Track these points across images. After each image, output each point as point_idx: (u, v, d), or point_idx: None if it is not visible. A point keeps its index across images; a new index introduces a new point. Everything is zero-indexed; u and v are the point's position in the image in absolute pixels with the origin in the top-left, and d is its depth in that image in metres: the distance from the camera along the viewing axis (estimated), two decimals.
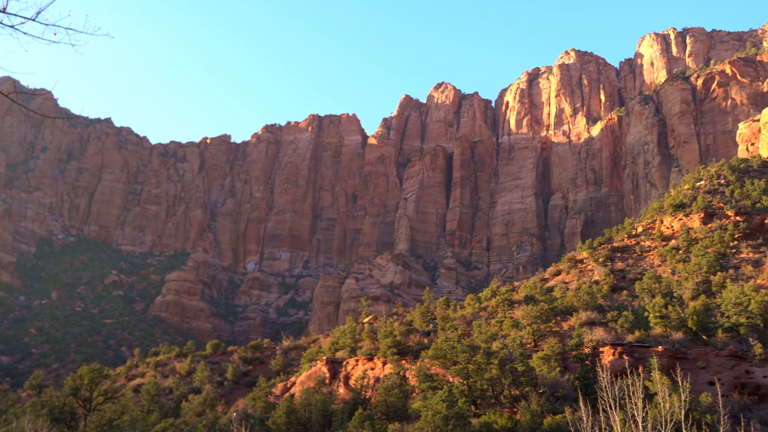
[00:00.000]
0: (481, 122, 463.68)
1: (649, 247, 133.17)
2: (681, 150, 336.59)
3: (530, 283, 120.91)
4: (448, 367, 66.76)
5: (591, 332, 75.70)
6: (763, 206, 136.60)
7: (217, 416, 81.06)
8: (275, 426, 64.33)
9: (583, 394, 50.29)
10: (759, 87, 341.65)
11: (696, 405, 50.47)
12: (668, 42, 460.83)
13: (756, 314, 76.80)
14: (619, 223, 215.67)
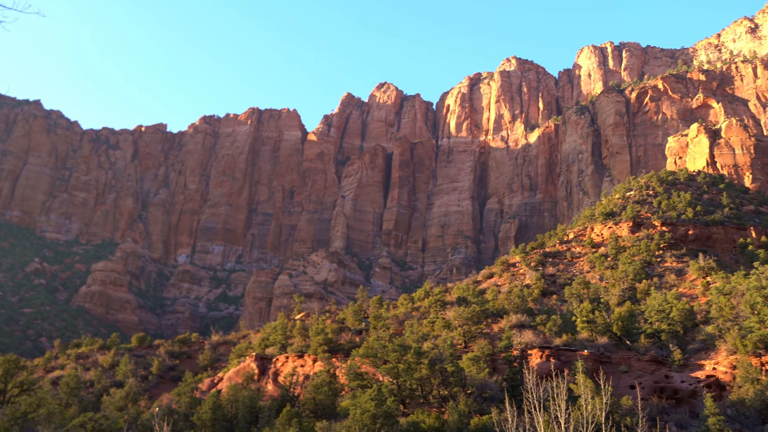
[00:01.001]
0: (422, 124, 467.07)
1: (579, 253, 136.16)
2: (613, 160, 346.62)
3: (463, 285, 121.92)
4: (378, 366, 66.49)
5: (520, 335, 76.67)
6: (688, 218, 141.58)
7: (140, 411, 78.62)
8: (200, 422, 62.74)
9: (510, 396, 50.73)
10: (688, 103, 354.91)
11: (617, 408, 51.56)
12: (605, 55, 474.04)
13: (677, 321, 79.29)
14: (552, 228, 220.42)
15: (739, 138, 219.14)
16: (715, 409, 52.66)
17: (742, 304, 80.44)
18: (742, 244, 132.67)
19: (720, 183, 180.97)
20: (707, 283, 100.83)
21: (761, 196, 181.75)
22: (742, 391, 60.12)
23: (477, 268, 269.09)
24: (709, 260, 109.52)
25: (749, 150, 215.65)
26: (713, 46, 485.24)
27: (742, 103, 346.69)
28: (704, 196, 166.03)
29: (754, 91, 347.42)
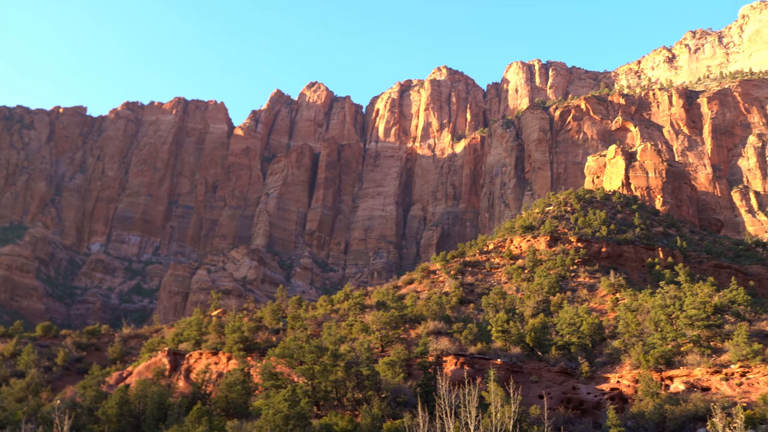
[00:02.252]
0: (351, 126, 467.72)
1: (498, 264, 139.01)
2: (535, 175, 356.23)
3: (383, 290, 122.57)
4: (294, 366, 66.07)
5: (437, 341, 77.65)
6: (602, 236, 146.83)
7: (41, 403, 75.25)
8: (105, 417, 60.69)
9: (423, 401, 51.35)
10: (608, 125, 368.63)
11: (526, 416, 52.96)
12: (533, 72, 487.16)
13: (586, 335, 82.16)
14: (473, 238, 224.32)
15: (652, 162, 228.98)
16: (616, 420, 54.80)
17: (647, 321, 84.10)
18: (650, 264, 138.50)
19: (633, 204, 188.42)
20: (616, 299, 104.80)
21: (670, 219, 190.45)
22: (642, 404, 62.79)
23: (398, 273, 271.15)
24: (619, 277, 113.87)
25: (661, 174, 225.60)
26: (633, 72, 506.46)
27: (657, 128, 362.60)
28: (618, 216, 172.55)
29: (669, 118, 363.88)
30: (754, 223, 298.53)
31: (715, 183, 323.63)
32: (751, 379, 65.19)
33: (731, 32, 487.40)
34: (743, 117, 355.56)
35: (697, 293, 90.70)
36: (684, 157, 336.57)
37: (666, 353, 72.20)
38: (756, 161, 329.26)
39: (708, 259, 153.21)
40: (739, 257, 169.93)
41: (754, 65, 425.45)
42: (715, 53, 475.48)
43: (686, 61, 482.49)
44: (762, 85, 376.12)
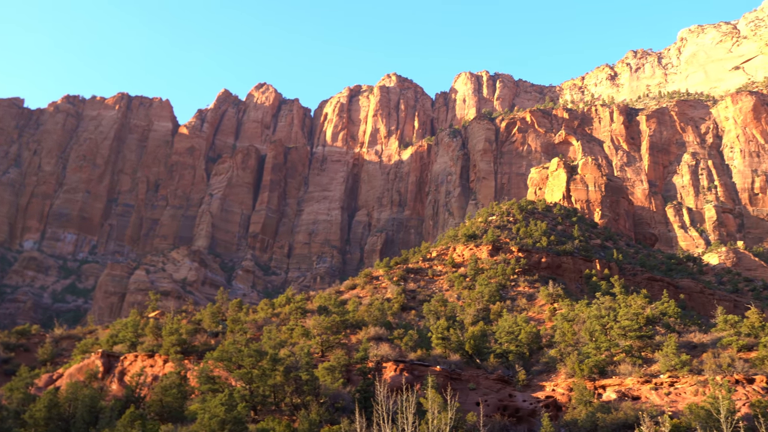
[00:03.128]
0: (299, 129, 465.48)
1: (440, 271, 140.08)
2: (480, 185, 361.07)
3: (325, 294, 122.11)
4: (232, 370, 65.24)
5: (377, 347, 77.78)
6: (542, 246, 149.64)
7: None
8: (32, 420, 58.65)
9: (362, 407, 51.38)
10: (551, 138, 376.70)
11: (462, 423, 53.53)
12: (481, 83, 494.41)
13: (524, 343, 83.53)
14: (416, 245, 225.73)
15: (593, 176, 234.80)
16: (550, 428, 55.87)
17: (583, 331, 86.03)
18: (587, 275, 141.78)
19: (573, 216, 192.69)
20: (554, 309, 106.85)
21: (607, 232, 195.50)
22: (575, 412, 64.16)
23: (341, 278, 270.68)
24: (558, 288, 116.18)
25: (601, 188, 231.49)
26: (577, 87, 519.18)
27: (598, 143, 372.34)
28: (558, 227, 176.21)
29: (610, 134, 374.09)
30: (686, 238, 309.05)
31: (651, 198, 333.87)
32: (679, 389, 67.32)
33: (670, 54, 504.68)
34: (679, 136, 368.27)
35: (631, 305, 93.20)
36: (623, 172, 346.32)
37: (600, 363, 73.95)
38: (690, 179, 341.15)
39: (642, 271, 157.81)
40: (671, 271, 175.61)
41: (691, 86, 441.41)
42: (654, 73, 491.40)
43: (627, 80, 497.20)
44: (697, 106, 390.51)
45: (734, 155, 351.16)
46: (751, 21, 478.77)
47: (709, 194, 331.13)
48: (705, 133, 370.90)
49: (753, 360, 72.39)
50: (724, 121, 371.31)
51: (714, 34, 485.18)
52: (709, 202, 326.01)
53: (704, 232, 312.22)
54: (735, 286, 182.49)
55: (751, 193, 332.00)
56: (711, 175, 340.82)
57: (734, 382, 65.35)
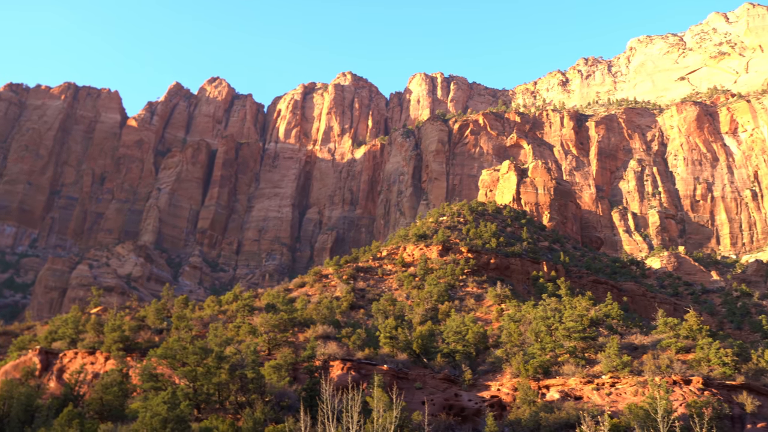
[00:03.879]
0: (251, 125, 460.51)
1: (390, 271, 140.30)
2: (432, 185, 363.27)
3: (274, 292, 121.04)
4: (176, 368, 64.09)
5: (325, 346, 77.45)
6: (491, 247, 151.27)
7: None
8: None
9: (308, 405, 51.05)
10: (503, 141, 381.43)
11: (408, 422, 53.64)
12: (435, 84, 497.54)
13: (471, 343, 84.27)
14: (367, 244, 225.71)
15: (542, 179, 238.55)
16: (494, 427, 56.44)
17: (529, 332, 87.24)
18: (534, 277, 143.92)
19: (522, 218, 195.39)
20: (501, 309, 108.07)
21: (555, 235, 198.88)
22: (519, 411, 65.01)
23: (290, 276, 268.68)
24: (505, 289, 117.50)
25: (550, 191, 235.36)
26: (530, 92, 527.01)
27: (549, 147, 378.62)
28: (507, 229, 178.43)
29: (560, 139, 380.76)
30: (631, 242, 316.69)
31: (597, 203, 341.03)
32: (620, 389, 68.83)
33: (619, 62, 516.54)
34: (626, 142, 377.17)
35: (576, 307, 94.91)
36: (571, 176, 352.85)
37: (544, 363, 75.10)
38: (635, 184, 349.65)
39: (587, 274, 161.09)
40: (615, 274, 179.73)
41: (638, 95, 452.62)
42: (604, 80, 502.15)
43: (578, 86, 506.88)
44: (644, 114, 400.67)
45: (678, 163, 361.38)
46: (696, 34, 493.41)
47: (653, 200, 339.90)
48: (651, 140, 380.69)
49: (690, 362, 74.52)
50: (669, 129, 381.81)
51: (661, 44, 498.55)
52: (653, 208, 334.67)
53: (648, 237, 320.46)
54: (675, 290, 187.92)
55: (693, 200, 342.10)
56: (655, 181, 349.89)
57: (672, 383, 67.12)
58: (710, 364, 73.48)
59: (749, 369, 75.83)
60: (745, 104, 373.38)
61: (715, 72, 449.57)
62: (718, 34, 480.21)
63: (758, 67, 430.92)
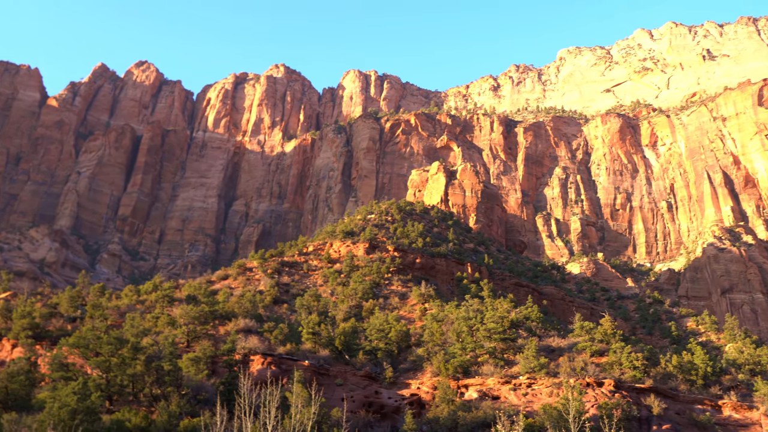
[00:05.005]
0: (179, 112, 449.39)
1: (316, 266, 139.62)
2: (361, 183, 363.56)
3: (195, 283, 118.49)
4: (89, 357, 61.81)
5: (246, 340, 76.36)
6: (418, 247, 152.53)
7: None
8: None
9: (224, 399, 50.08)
10: (434, 142, 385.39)
11: (327, 418, 53.38)
12: (369, 82, 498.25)
13: (394, 341, 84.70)
14: (294, 239, 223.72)
15: (470, 182, 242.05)
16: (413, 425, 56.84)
17: (451, 332, 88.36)
18: (458, 277, 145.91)
19: (449, 219, 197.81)
20: (425, 309, 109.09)
21: (480, 237, 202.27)
22: (438, 410, 65.69)
23: (213, 268, 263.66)
24: (430, 288, 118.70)
25: (477, 194, 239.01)
26: (462, 95, 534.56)
27: (478, 151, 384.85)
28: (434, 229, 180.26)
29: (489, 143, 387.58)
30: (553, 247, 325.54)
31: (523, 207, 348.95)
32: (536, 390, 70.49)
33: (549, 71, 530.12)
34: (552, 150, 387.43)
35: (497, 308, 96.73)
36: (498, 180, 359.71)
37: (464, 363, 76.17)
38: (559, 191, 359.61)
39: (510, 277, 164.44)
40: (536, 277, 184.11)
41: (566, 104, 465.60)
42: (534, 88, 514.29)
43: (509, 92, 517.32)
44: (571, 123, 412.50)
45: (600, 172, 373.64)
46: (623, 48, 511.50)
47: (575, 207, 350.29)
48: (576, 149, 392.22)
49: (604, 365, 77.05)
50: (594, 139, 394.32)
51: (590, 56, 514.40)
52: (575, 215, 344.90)
53: (569, 243, 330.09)
54: (593, 295, 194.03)
55: (613, 208, 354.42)
56: (579, 189, 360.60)
57: (585, 385, 69.19)
58: (622, 367, 76.14)
59: (657, 373, 79.02)
60: (665, 119, 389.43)
61: (639, 86, 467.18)
62: (642, 49, 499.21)
63: (678, 84, 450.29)
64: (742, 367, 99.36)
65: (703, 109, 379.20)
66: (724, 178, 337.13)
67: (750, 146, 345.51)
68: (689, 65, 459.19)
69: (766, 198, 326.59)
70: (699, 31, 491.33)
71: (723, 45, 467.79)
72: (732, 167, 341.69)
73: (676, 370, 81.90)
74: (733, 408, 73.51)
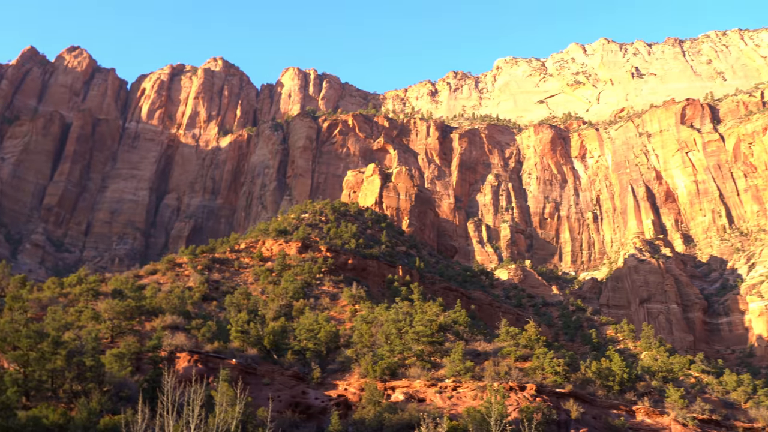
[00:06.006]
0: (112, 101, 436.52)
1: (247, 264, 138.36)
2: (296, 181, 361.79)
3: (122, 277, 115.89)
4: (5, 351, 59.80)
5: (172, 336, 75.30)
6: (350, 248, 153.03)
7: None
8: None
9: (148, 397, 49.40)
10: (370, 144, 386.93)
11: (252, 418, 53.30)
12: (308, 80, 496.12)
13: (323, 342, 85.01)
14: (226, 235, 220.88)
15: (405, 185, 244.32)
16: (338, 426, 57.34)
17: (380, 334, 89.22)
18: (390, 280, 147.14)
19: (383, 222, 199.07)
20: (355, 310, 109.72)
21: (413, 240, 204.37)
22: (365, 411, 66.37)
23: (142, 262, 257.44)
24: (361, 290, 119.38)
25: (411, 198, 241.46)
26: (400, 98, 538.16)
27: (414, 155, 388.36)
28: (368, 231, 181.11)
29: (425, 147, 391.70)
30: (483, 253, 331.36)
31: (455, 212, 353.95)
32: (461, 393, 72.05)
33: (486, 79, 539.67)
34: (486, 157, 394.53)
35: (426, 311, 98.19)
36: (433, 184, 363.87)
37: (392, 365, 77.11)
38: (491, 198, 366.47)
39: (440, 281, 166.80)
40: (466, 282, 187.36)
41: (501, 112, 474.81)
42: (471, 95, 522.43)
43: (446, 98, 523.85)
44: (505, 131, 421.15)
45: (531, 181, 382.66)
46: (557, 61, 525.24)
47: (506, 214, 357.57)
48: (509, 157, 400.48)
49: (527, 369, 79.39)
50: (526, 149, 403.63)
51: (525, 67, 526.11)
52: (505, 222, 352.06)
53: (498, 249, 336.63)
54: (519, 301, 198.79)
55: (542, 217, 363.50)
56: (510, 197, 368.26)
57: (509, 388, 71.15)
58: (544, 372, 78.62)
59: (577, 378, 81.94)
60: (594, 132, 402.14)
61: (571, 99, 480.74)
62: (576, 63, 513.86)
63: (608, 99, 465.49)
64: (655, 374, 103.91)
65: (630, 125, 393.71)
66: (647, 192, 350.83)
67: (672, 162, 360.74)
68: (619, 81, 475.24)
69: (684, 213, 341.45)
70: (629, 49, 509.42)
71: (651, 64, 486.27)
72: (654, 182, 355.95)
73: (594, 376, 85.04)
74: (646, 413, 76.93)
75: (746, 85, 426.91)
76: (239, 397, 41.13)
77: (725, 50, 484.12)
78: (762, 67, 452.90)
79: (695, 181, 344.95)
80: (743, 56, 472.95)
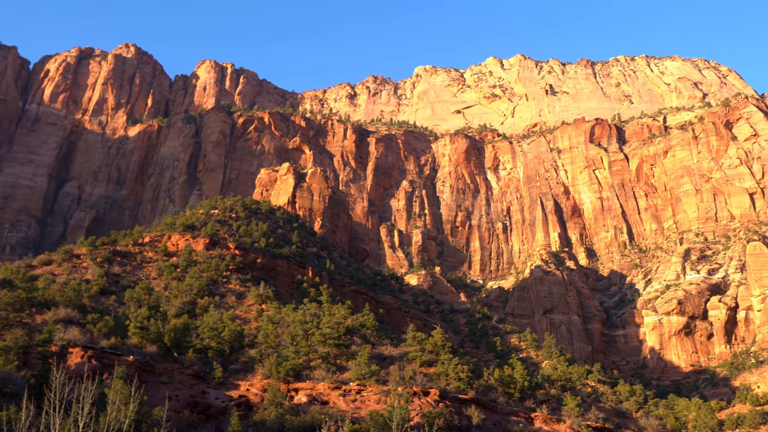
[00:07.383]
0: (12, 81, 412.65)
1: (151, 258, 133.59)
2: (207, 176, 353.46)
3: (13, 267, 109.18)
4: None
5: (65, 331, 71.43)
6: (260, 247, 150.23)
7: None
8: None
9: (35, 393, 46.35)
10: (286, 142, 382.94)
11: (147, 417, 50.98)
12: (224, 74, 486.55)
13: (226, 341, 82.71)
14: (130, 228, 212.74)
15: (319, 186, 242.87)
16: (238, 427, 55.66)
17: (286, 334, 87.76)
18: (299, 281, 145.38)
19: (295, 222, 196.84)
20: (261, 310, 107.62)
21: (324, 242, 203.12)
22: (266, 413, 64.86)
23: (36, 251, 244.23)
24: (268, 289, 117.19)
25: (324, 199, 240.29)
26: (318, 99, 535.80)
27: (329, 156, 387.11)
28: (279, 231, 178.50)
29: (341, 149, 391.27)
30: (394, 257, 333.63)
31: (368, 216, 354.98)
32: (365, 397, 71.59)
33: (405, 86, 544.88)
34: (402, 163, 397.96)
35: (334, 314, 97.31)
36: (347, 187, 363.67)
37: (296, 366, 75.84)
38: (404, 204, 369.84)
39: (350, 283, 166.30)
40: (376, 286, 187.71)
41: (419, 120, 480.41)
42: (389, 101, 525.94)
43: (365, 102, 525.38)
44: (421, 139, 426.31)
45: (445, 189, 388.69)
46: (475, 73, 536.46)
47: (418, 221, 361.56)
48: (424, 164, 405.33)
49: (432, 375, 79.82)
50: (441, 157, 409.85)
51: (444, 77, 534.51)
52: (417, 228, 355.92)
53: (409, 255, 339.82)
54: (427, 307, 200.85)
55: (453, 225, 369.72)
56: (423, 203, 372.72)
57: (413, 393, 71.22)
58: (448, 378, 79.26)
59: (480, 385, 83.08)
60: (508, 145, 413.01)
61: (487, 111, 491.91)
62: (493, 77, 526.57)
63: (522, 114, 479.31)
64: (555, 382, 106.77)
65: (542, 140, 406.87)
66: (555, 205, 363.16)
67: (579, 178, 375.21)
68: (533, 97, 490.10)
69: (588, 228, 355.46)
70: (544, 67, 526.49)
71: (564, 82, 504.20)
72: (563, 196, 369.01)
73: (497, 383, 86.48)
74: (544, 420, 78.80)
75: (651, 109, 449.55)
76: (134, 395, 39.02)
77: (633, 75, 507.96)
78: (666, 93, 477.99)
79: (600, 198, 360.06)
80: (649, 82, 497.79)
